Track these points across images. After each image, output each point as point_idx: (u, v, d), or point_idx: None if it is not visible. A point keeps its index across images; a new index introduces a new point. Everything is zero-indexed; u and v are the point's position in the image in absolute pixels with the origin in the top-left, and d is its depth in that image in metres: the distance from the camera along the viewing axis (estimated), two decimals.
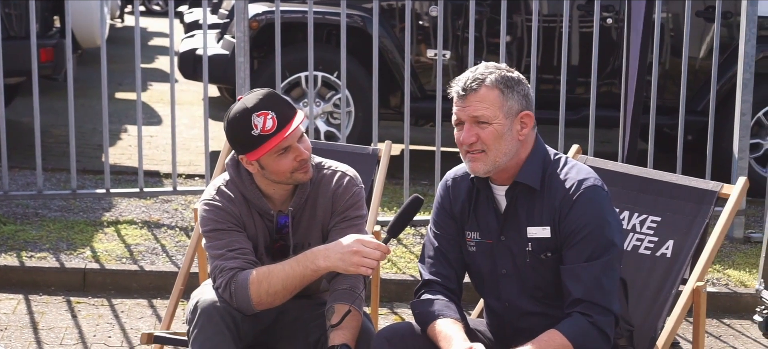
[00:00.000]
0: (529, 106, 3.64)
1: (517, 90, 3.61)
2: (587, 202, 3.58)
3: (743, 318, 6.32)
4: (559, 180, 3.64)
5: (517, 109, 3.61)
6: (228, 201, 3.95)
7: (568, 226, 3.58)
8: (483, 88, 3.59)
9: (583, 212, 3.57)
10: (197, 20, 12.06)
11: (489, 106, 3.58)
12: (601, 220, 3.58)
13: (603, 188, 3.64)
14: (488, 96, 3.58)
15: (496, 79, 3.59)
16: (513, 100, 3.60)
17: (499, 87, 3.58)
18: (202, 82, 7.70)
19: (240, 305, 3.81)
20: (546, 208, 3.62)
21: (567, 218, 3.58)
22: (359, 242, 3.73)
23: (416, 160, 7.95)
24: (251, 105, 3.79)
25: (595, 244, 3.56)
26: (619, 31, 8.89)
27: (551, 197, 3.62)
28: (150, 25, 20.25)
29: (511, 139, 3.60)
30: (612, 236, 3.59)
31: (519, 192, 3.66)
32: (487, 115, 3.58)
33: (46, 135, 8.01)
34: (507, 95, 3.59)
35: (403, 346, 3.67)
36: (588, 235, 3.56)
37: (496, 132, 3.58)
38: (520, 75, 3.67)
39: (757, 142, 8.70)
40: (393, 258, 6.65)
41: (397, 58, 8.81)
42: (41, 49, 8.16)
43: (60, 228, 6.91)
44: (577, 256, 3.57)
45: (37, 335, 5.56)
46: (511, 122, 3.60)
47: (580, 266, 3.56)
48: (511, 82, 3.61)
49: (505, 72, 3.62)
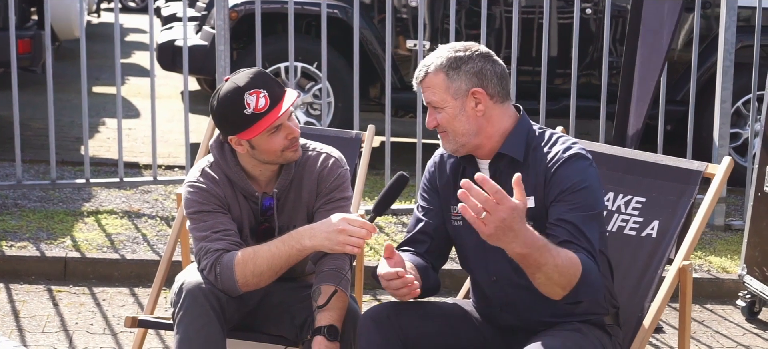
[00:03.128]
0: (481, 83, 3.61)
1: (465, 69, 3.61)
2: (572, 165, 3.57)
3: (726, 304, 6.34)
4: (543, 151, 3.63)
5: (466, 88, 3.61)
6: (212, 183, 3.93)
7: (553, 189, 3.56)
8: (429, 76, 3.64)
9: (567, 175, 3.55)
10: (175, 14, 12.00)
11: (436, 91, 3.62)
12: (585, 181, 3.55)
13: (587, 156, 3.62)
14: (433, 82, 3.63)
15: (440, 64, 3.62)
16: (459, 81, 3.60)
17: (443, 71, 3.61)
18: (182, 73, 7.66)
19: (225, 286, 3.79)
20: (530, 178, 3.61)
21: (551, 182, 3.57)
22: (345, 221, 3.71)
23: (396, 153, 7.94)
24: (243, 84, 3.76)
25: (579, 200, 3.52)
26: (597, 22, 8.91)
27: (536, 167, 3.62)
28: (126, 21, 20.16)
29: (467, 118, 3.61)
30: (595, 198, 3.57)
31: (504, 165, 3.66)
32: (436, 100, 3.63)
33: (24, 128, 7.97)
34: (452, 77, 3.60)
35: (388, 325, 3.65)
36: (573, 194, 3.53)
37: (449, 115, 3.62)
38: (474, 51, 3.64)
39: (736, 132, 8.73)
40: (375, 246, 6.64)
41: (377, 49, 8.80)
42: (19, 40, 8.10)
43: (40, 218, 6.86)
44: (561, 210, 3.54)
45: (18, 322, 5.52)
46: (462, 102, 3.61)
47: (562, 219, 3.52)
48: (457, 63, 3.62)
49: (453, 53, 3.63)
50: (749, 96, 8.02)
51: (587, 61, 8.99)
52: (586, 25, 8.85)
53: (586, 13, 8.89)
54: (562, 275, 3.37)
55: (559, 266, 3.36)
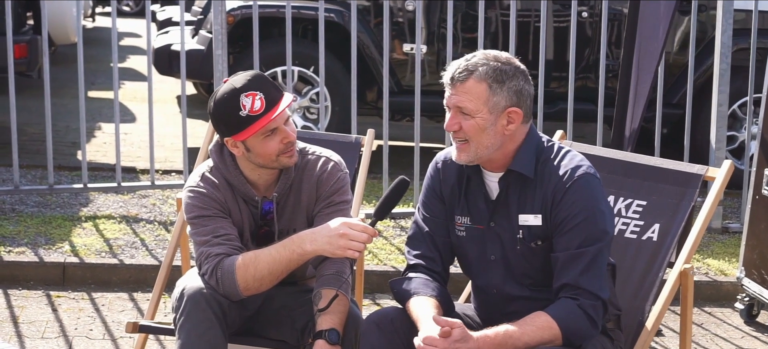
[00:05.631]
0: (519, 103, 3.55)
1: (509, 85, 3.53)
2: (580, 189, 3.55)
3: (724, 306, 6.35)
4: (552, 168, 3.60)
5: (504, 105, 3.54)
6: (212, 187, 3.93)
7: (561, 213, 3.56)
8: (471, 80, 3.53)
9: (576, 200, 3.54)
10: (170, 18, 12.00)
11: (473, 99, 3.52)
12: (594, 208, 3.55)
13: (596, 176, 3.62)
14: (475, 89, 3.52)
15: (486, 73, 3.52)
16: (500, 96, 3.53)
17: (487, 81, 3.52)
18: (179, 78, 7.65)
19: (226, 291, 3.79)
20: (538, 196, 3.60)
21: (559, 205, 3.56)
22: (346, 225, 3.71)
23: (393, 157, 7.94)
24: (240, 85, 3.77)
25: (587, 232, 3.53)
26: (594, 26, 8.92)
27: (544, 185, 3.59)
28: (121, 25, 20.08)
29: (495, 133, 3.55)
30: (604, 224, 3.56)
31: (512, 180, 3.63)
32: (470, 108, 3.53)
33: (21, 133, 7.93)
34: (494, 90, 3.52)
35: (392, 329, 3.64)
36: (580, 223, 3.53)
37: (478, 126, 3.53)
38: (518, 67, 3.58)
39: (732, 135, 8.74)
40: (374, 250, 6.64)
41: (374, 53, 8.80)
42: (15, 45, 8.10)
43: (38, 223, 6.85)
44: (569, 243, 3.54)
45: (17, 328, 5.51)
46: (495, 117, 3.54)
47: (570, 254, 3.53)
48: (502, 77, 3.53)
49: (500, 65, 3.54)
50: (745, 99, 8.03)
51: (584, 65, 9.00)
52: (583, 29, 8.85)
53: (583, 16, 8.90)
54: (542, 343, 3.46)
55: (533, 342, 3.46)
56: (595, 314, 3.54)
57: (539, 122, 7.58)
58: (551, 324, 3.48)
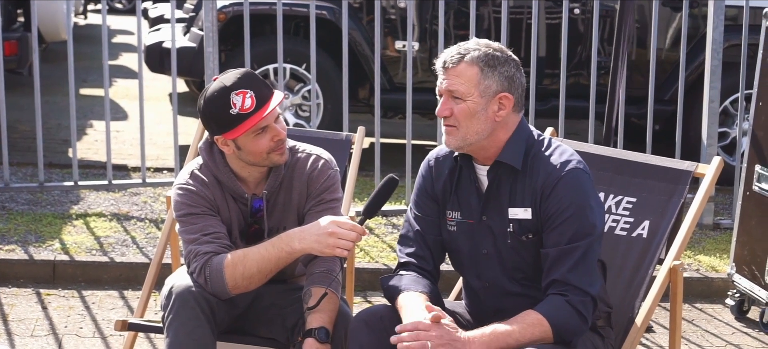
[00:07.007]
0: (511, 88, 3.57)
1: (500, 70, 3.55)
2: (570, 184, 3.55)
3: (715, 302, 6.35)
4: (541, 161, 3.60)
5: (496, 90, 3.55)
6: (202, 185, 3.92)
7: (550, 208, 3.55)
8: (462, 63, 3.55)
9: (565, 195, 3.54)
10: (162, 15, 11.98)
11: (464, 82, 3.54)
12: (584, 203, 3.55)
13: (586, 171, 3.61)
14: (466, 72, 3.54)
15: (478, 57, 3.54)
16: (492, 80, 3.54)
17: (479, 65, 3.54)
18: (170, 75, 7.64)
19: (215, 289, 3.77)
20: (528, 189, 3.59)
21: (549, 200, 3.55)
22: (334, 224, 3.70)
23: (385, 154, 7.93)
24: (230, 83, 3.76)
25: (576, 227, 3.53)
26: (586, 23, 8.91)
27: (533, 178, 3.59)
28: (113, 22, 20.09)
29: (486, 119, 3.55)
30: (594, 219, 3.56)
31: (501, 172, 3.63)
32: (461, 91, 3.54)
33: (11, 131, 7.93)
34: (486, 74, 3.54)
35: (381, 327, 3.63)
36: (570, 218, 3.52)
37: (469, 109, 3.54)
38: (510, 56, 3.60)
39: (724, 131, 8.74)
40: (365, 247, 6.63)
41: (366, 50, 8.79)
42: (5, 42, 8.10)
43: (28, 221, 6.84)
44: (558, 239, 3.54)
45: (7, 326, 5.50)
46: (486, 102, 3.55)
47: (559, 249, 3.53)
48: (494, 62, 3.55)
49: (492, 50, 3.57)
50: (737, 95, 8.03)
51: (576, 61, 8.99)
52: (575, 25, 8.84)
53: (575, 13, 8.89)
54: (533, 341, 3.46)
55: (524, 339, 3.45)
56: (585, 309, 3.53)
57: (531, 119, 7.57)
58: (541, 321, 3.48)
